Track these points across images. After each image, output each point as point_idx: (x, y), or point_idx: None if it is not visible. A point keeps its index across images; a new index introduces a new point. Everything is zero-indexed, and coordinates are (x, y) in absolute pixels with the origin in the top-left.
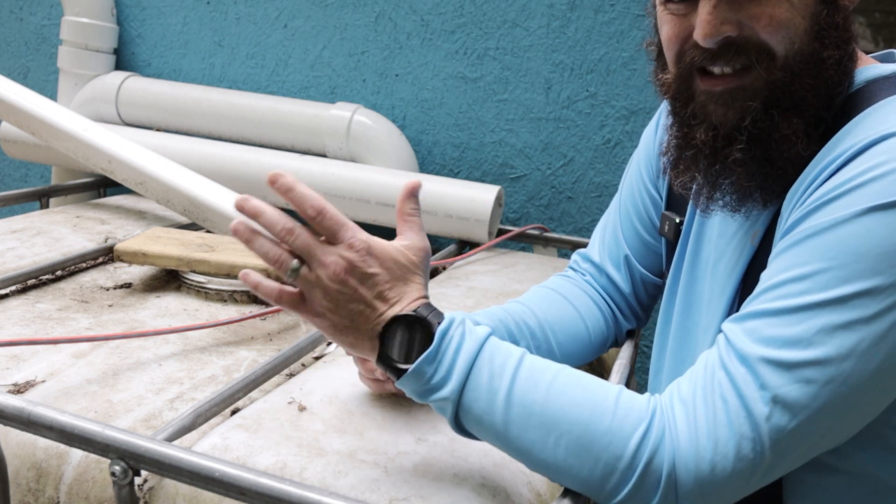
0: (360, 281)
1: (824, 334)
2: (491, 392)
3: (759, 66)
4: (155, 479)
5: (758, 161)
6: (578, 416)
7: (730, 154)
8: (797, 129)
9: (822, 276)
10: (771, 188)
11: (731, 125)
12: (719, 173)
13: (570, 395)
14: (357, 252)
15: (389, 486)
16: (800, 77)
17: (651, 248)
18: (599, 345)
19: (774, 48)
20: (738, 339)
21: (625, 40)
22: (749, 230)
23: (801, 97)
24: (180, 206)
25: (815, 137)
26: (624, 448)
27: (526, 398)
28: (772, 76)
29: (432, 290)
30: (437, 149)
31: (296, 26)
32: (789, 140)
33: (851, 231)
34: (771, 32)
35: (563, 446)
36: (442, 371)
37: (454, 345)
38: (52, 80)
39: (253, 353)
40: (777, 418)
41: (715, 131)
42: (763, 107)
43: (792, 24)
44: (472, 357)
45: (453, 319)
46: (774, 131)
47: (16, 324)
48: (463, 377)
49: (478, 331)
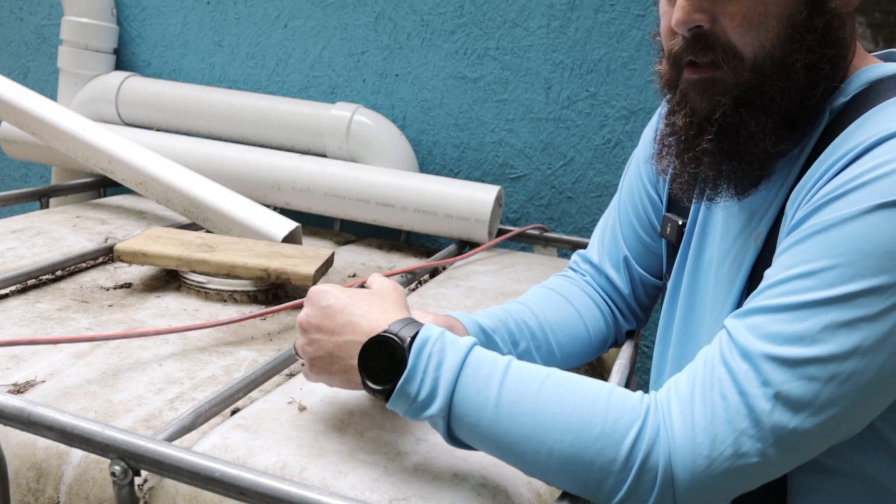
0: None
1: (829, 331)
2: (479, 406)
3: (727, 65)
4: (155, 479)
5: (724, 153)
6: (569, 423)
7: (700, 143)
8: (765, 127)
9: (828, 273)
10: (741, 181)
11: (703, 115)
12: (689, 161)
13: (560, 401)
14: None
15: (389, 486)
16: (769, 79)
17: (650, 249)
18: (599, 345)
19: (742, 50)
20: (741, 335)
21: (625, 40)
22: (752, 231)
23: (771, 98)
24: (180, 206)
25: (787, 137)
26: (618, 451)
27: (515, 409)
28: (739, 77)
29: (432, 290)
30: (437, 149)
31: (296, 26)
32: (756, 137)
33: (858, 228)
34: (741, 33)
35: (556, 455)
36: (426, 389)
37: (434, 361)
38: (52, 80)
39: (253, 353)
40: (779, 415)
41: (691, 118)
42: (733, 103)
43: (764, 26)
44: (455, 372)
45: (428, 337)
46: (742, 128)
47: (16, 324)
48: (448, 393)
49: (460, 343)
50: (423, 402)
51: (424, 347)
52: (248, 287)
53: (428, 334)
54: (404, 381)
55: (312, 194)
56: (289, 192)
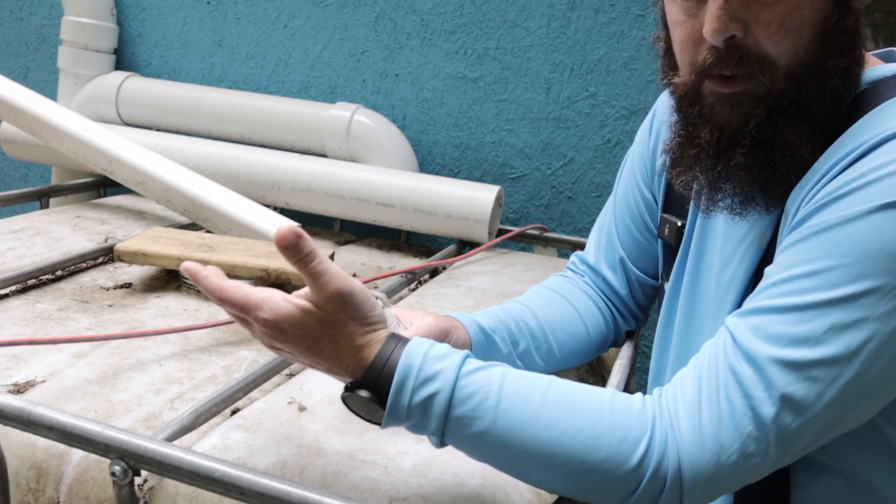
0: (290, 352)
1: (833, 333)
2: (475, 437)
3: (762, 76)
4: (155, 479)
5: (760, 166)
6: (572, 450)
7: (732, 157)
8: (801, 135)
9: (832, 273)
10: (773, 193)
11: (735, 128)
12: (721, 175)
13: (560, 427)
14: (266, 329)
15: (389, 486)
16: (804, 86)
17: (646, 249)
18: (599, 345)
19: (777, 59)
20: (744, 337)
21: (625, 40)
22: (757, 233)
23: (807, 105)
24: (180, 206)
25: (820, 143)
26: (626, 469)
27: (514, 438)
28: (774, 87)
29: (432, 290)
30: (437, 149)
31: (296, 26)
32: (793, 146)
33: (861, 228)
34: (776, 42)
35: (561, 479)
36: (414, 419)
37: (420, 397)
38: (52, 80)
39: (253, 353)
40: (783, 417)
41: (720, 132)
42: (767, 114)
43: (799, 32)
44: (444, 405)
45: (409, 369)
46: (778, 138)
47: (16, 324)
48: (440, 425)
49: (445, 370)
50: (415, 426)
51: (404, 386)
52: None
53: (408, 366)
54: (388, 419)
55: (312, 194)
56: (289, 192)
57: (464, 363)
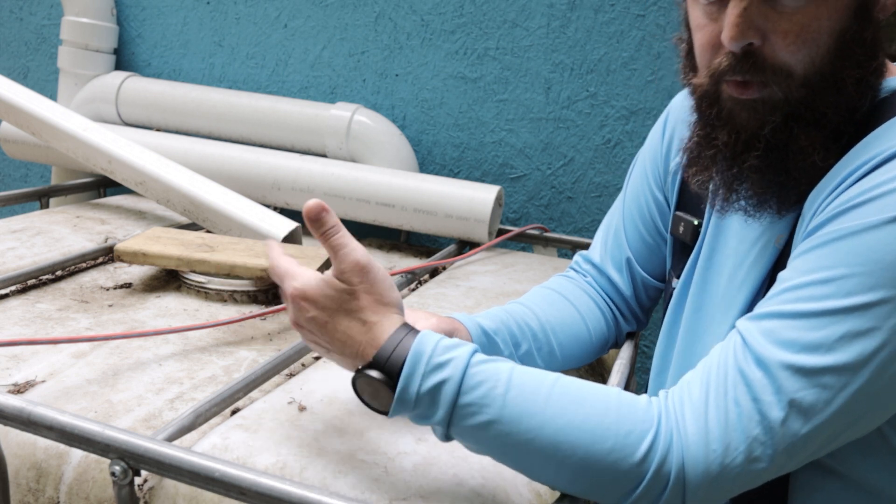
0: (311, 330)
1: (845, 341)
2: (481, 427)
3: (777, 85)
4: (155, 479)
5: (773, 169)
6: (578, 440)
7: (747, 159)
8: (815, 141)
9: (846, 281)
10: (787, 197)
11: (751, 132)
12: (735, 177)
13: (567, 416)
14: (294, 301)
15: (389, 486)
16: (820, 94)
17: (653, 251)
18: (600, 346)
19: (793, 68)
20: (755, 340)
21: (625, 40)
22: (773, 235)
23: (822, 112)
24: (180, 206)
25: (834, 150)
26: (630, 463)
27: (520, 427)
28: (791, 95)
29: (432, 290)
30: (437, 149)
31: (296, 26)
32: (806, 152)
33: (878, 238)
34: (793, 51)
35: (566, 471)
36: (422, 406)
37: (430, 383)
38: (52, 80)
39: (253, 353)
40: (791, 422)
41: (737, 135)
42: (783, 120)
43: (816, 43)
44: (454, 392)
45: (420, 356)
46: (792, 143)
47: (16, 324)
48: (448, 412)
49: (456, 359)
50: (421, 415)
51: (412, 376)
52: (248, 287)
53: (419, 354)
54: (395, 407)
55: (312, 194)
56: (289, 192)
57: (474, 354)
